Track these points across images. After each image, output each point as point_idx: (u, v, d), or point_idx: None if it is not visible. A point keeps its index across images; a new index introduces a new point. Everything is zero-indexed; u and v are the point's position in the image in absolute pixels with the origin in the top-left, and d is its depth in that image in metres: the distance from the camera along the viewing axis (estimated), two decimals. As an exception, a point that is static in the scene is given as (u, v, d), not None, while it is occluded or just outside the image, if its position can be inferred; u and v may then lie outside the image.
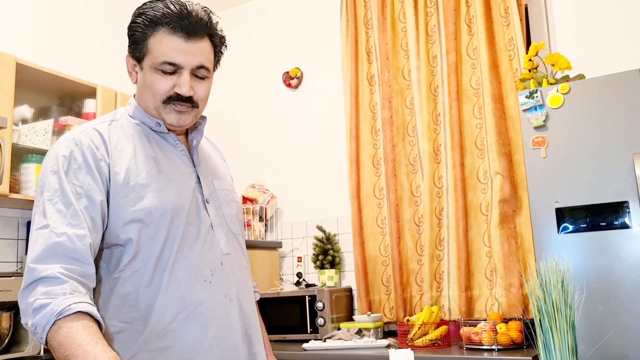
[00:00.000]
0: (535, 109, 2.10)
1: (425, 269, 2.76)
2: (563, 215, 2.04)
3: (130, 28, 1.20)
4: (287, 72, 3.47)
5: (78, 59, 2.98)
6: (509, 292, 2.52)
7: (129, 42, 1.21)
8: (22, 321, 1.02)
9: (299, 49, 3.48)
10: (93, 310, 1.01)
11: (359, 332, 2.65)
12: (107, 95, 2.71)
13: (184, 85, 1.17)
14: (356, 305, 2.98)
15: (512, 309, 2.49)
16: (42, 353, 2.30)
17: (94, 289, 1.11)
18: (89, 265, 1.06)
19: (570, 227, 2.03)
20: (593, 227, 1.99)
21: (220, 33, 1.25)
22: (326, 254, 3.06)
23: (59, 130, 2.60)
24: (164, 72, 1.16)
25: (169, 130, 1.25)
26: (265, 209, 3.32)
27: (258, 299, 1.44)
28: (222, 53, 1.28)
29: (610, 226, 1.97)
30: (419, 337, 2.37)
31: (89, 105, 2.69)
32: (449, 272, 2.72)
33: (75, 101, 2.72)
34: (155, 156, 1.20)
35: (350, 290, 3.04)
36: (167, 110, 1.19)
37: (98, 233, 1.11)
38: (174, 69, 1.16)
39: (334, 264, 3.06)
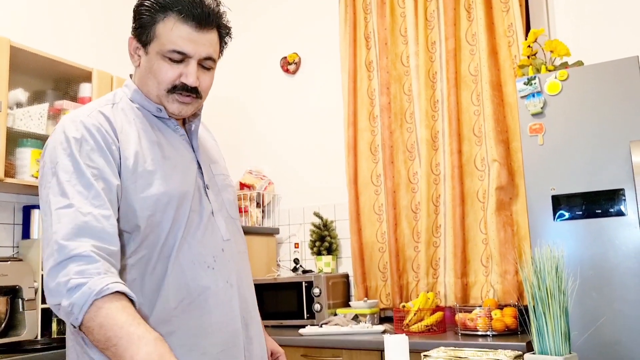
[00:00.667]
0: (533, 96, 2.09)
1: (422, 256, 2.77)
2: (559, 202, 2.04)
3: (137, 10, 1.17)
4: (285, 58, 3.45)
5: (73, 43, 2.96)
6: (504, 278, 2.53)
7: (135, 25, 1.18)
8: (52, 301, 0.98)
9: (297, 34, 3.45)
10: (128, 290, 0.99)
11: (355, 317, 2.66)
12: (102, 79, 2.69)
13: (191, 75, 1.15)
14: (353, 291, 2.99)
15: (507, 295, 2.50)
16: (39, 337, 2.32)
17: None
18: (116, 246, 1.04)
19: (566, 215, 2.03)
20: (589, 214, 1.99)
21: (227, 24, 1.23)
22: (323, 241, 3.06)
23: (54, 115, 2.59)
24: (172, 60, 1.14)
25: (169, 115, 1.23)
26: (263, 195, 3.32)
27: None
28: (226, 44, 1.26)
29: (606, 214, 1.97)
30: (415, 323, 2.38)
31: (84, 89, 2.68)
32: (445, 258, 2.72)
33: (70, 85, 2.70)
34: (159, 141, 1.19)
35: (347, 276, 3.05)
36: (170, 99, 1.18)
37: (116, 215, 1.09)
38: (182, 58, 1.15)
39: (331, 250, 3.07)
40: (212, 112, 3.37)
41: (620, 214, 1.95)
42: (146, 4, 1.16)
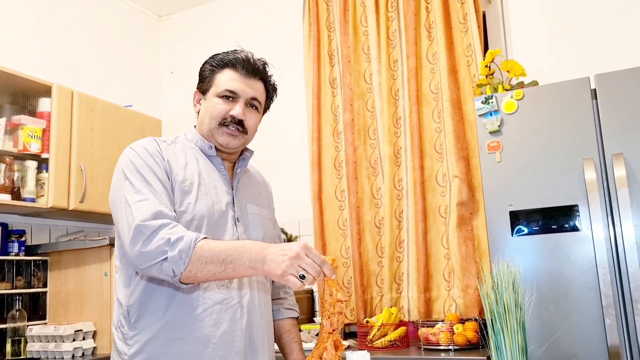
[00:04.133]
0: (491, 114, 2.15)
1: (385, 271, 2.79)
2: (517, 218, 2.10)
3: (202, 68, 1.47)
4: (250, 74, 3.45)
5: (32, 57, 2.90)
6: (466, 293, 2.57)
7: (199, 81, 1.47)
8: (152, 261, 1.16)
9: (262, 51, 3.44)
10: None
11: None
12: (62, 94, 2.64)
13: (239, 108, 1.41)
14: (317, 307, 2.99)
15: (469, 309, 2.55)
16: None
17: (129, 274, 1.30)
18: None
19: (524, 230, 2.09)
20: (545, 229, 2.05)
21: (273, 84, 1.52)
22: (287, 256, 3.05)
23: (11, 129, 2.53)
24: (225, 98, 1.40)
25: (217, 153, 1.44)
26: (227, 210, 3.29)
27: (295, 316, 1.60)
28: (272, 99, 1.56)
29: (561, 229, 2.03)
30: (379, 338, 2.39)
31: (43, 104, 2.62)
32: (409, 273, 2.75)
33: (29, 100, 2.64)
34: (200, 172, 1.39)
35: (311, 292, 3.04)
36: (220, 132, 1.41)
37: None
38: (233, 96, 1.41)
39: (296, 266, 3.06)
40: (177, 127, 3.34)
41: (575, 229, 2.01)
42: (210, 62, 1.46)
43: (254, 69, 1.45)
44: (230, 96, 1.41)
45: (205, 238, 1.19)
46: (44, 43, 2.98)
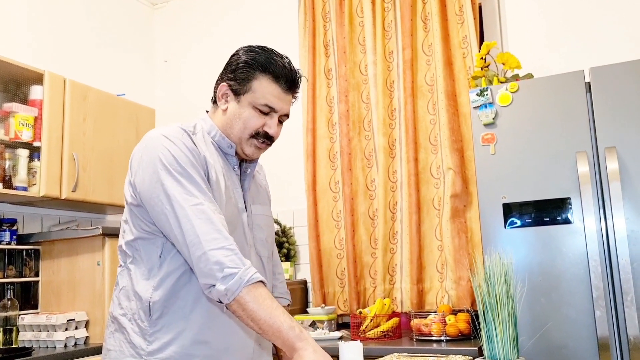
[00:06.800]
0: (485, 107, 2.15)
1: (379, 262, 2.80)
2: (510, 210, 2.10)
3: (235, 63, 1.37)
4: (244, 64, 3.43)
5: (23, 45, 2.87)
6: (459, 284, 2.58)
7: (230, 75, 1.37)
8: (205, 281, 1.16)
9: (256, 41, 3.43)
10: (264, 278, 1.19)
11: (313, 324, 2.66)
12: (54, 82, 2.62)
13: (274, 126, 1.37)
14: (311, 297, 3.00)
15: (462, 301, 2.56)
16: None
17: (149, 266, 1.28)
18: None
19: (517, 222, 2.09)
20: (538, 222, 2.06)
21: (298, 93, 1.46)
22: (281, 247, 3.06)
23: (2, 117, 2.51)
24: (260, 112, 1.35)
25: (237, 153, 1.40)
26: (220, 201, 3.29)
27: (285, 304, 1.60)
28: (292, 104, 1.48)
29: (554, 221, 2.04)
30: (371, 329, 2.40)
31: (35, 91, 2.60)
32: (402, 265, 2.76)
33: (20, 87, 2.62)
34: (223, 172, 1.36)
35: (305, 282, 3.05)
36: (249, 143, 1.37)
37: None
38: (269, 111, 1.35)
39: (289, 256, 3.06)
40: (174, 117, 3.33)
41: (567, 221, 2.02)
42: (246, 60, 1.36)
43: (294, 84, 1.40)
44: (266, 111, 1.36)
45: (259, 281, 1.17)
46: (36, 30, 2.95)
